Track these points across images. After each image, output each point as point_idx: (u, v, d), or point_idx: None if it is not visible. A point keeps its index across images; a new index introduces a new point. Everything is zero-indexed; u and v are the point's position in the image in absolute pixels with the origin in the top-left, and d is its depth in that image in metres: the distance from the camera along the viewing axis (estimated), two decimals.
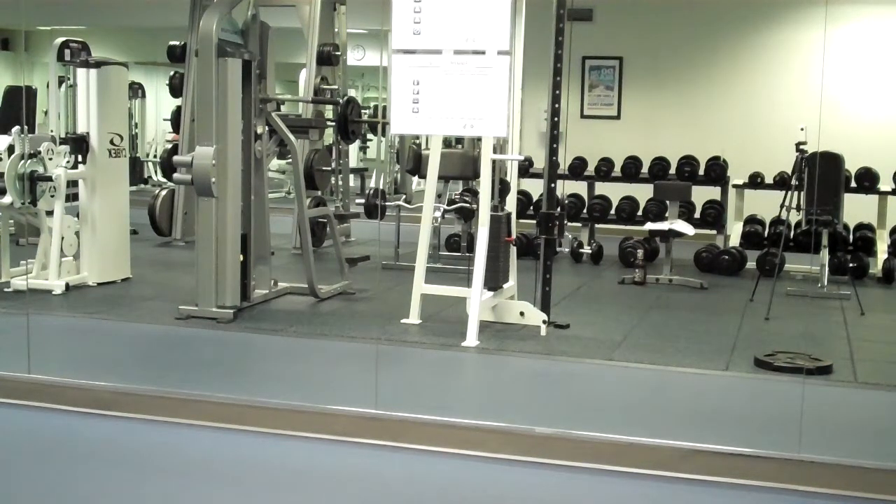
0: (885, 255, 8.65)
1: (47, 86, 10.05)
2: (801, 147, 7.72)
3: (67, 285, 7.05)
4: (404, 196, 11.09)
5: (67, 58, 8.65)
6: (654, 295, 7.73)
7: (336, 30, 9.88)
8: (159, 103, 16.08)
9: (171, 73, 10.23)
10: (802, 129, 7.53)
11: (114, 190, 7.46)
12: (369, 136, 16.31)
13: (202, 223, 6.35)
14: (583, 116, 11.64)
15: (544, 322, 6.08)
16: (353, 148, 15.02)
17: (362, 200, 9.14)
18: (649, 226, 8.54)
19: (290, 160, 7.68)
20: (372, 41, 14.33)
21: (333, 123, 8.92)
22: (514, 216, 6.66)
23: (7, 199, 6.88)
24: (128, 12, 13.93)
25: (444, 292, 6.48)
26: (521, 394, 5.04)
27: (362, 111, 10.92)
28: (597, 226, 9.77)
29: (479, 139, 6.84)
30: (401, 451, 4.14)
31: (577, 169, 9.83)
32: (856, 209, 8.86)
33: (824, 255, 7.98)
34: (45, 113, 10.75)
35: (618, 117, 11.73)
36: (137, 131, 15.00)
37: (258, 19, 6.63)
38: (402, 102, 5.61)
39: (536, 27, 6.50)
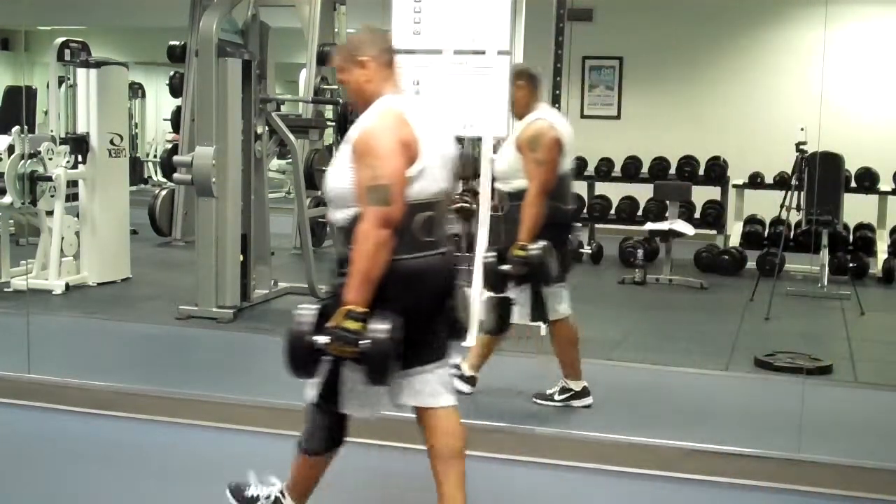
0: (885, 255, 8.65)
1: (47, 86, 10.02)
2: (801, 147, 7.72)
3: (67, 285, 7.05)
4: None
5: (67, 58, 8.63)
6: (654, 295, 7.73)
7: (336, 30, 9.88)
8: (159, 103, 16.07)
9: (171, 73, 10.22)
10: (802, 129, 7.53)
11: (114, 190, 7.46)
12: None
13: (202, 223, 6.35)
14: (583, 116, 11.64)
15: (544, 322, 6.05)
16: None
17: None
18: (649, 226, 8.53)
19: (290, 160, 7.68)
20: None
21: (333, 123, 8.91)
22: None
23: (7, 199, 6.88)
24: (128, 12, 13.91)
25: None
26: (520, 394, 5.03)
27: None
28: (597, 226, 9.76)
29: (479, 139, 6.83)
30: (401, 451, 4.14)
31: (577, 169, 9.80)
32: (856, 209, 8.85)
33: (824, 255, 7.98)
34: (45, 113, 10.72)
35: (618, 117, 11.73)
36: (137, 131, 14.99)
37: (258, 19, 6.63)
38: None
39: (536, 27, 6.49)
